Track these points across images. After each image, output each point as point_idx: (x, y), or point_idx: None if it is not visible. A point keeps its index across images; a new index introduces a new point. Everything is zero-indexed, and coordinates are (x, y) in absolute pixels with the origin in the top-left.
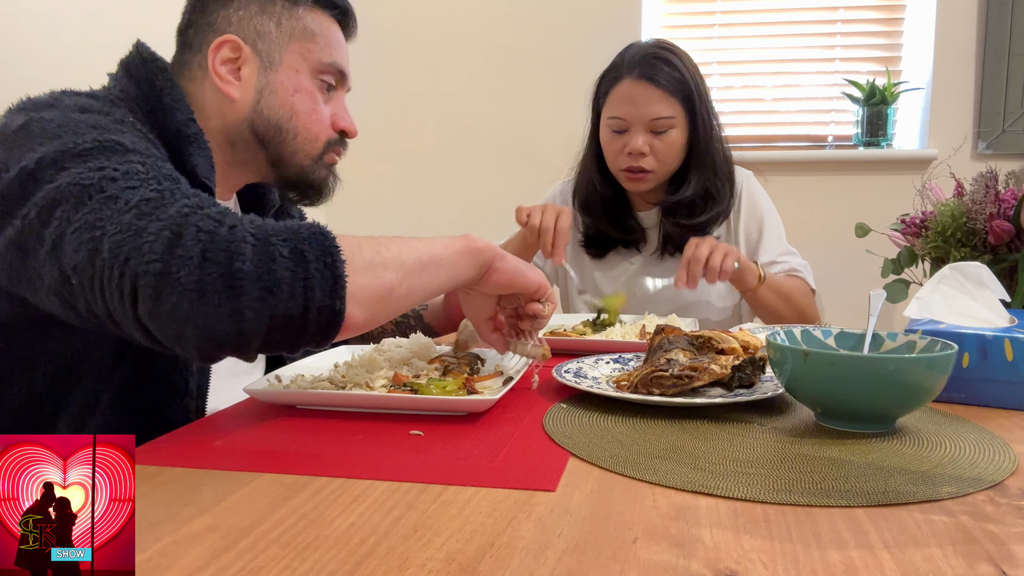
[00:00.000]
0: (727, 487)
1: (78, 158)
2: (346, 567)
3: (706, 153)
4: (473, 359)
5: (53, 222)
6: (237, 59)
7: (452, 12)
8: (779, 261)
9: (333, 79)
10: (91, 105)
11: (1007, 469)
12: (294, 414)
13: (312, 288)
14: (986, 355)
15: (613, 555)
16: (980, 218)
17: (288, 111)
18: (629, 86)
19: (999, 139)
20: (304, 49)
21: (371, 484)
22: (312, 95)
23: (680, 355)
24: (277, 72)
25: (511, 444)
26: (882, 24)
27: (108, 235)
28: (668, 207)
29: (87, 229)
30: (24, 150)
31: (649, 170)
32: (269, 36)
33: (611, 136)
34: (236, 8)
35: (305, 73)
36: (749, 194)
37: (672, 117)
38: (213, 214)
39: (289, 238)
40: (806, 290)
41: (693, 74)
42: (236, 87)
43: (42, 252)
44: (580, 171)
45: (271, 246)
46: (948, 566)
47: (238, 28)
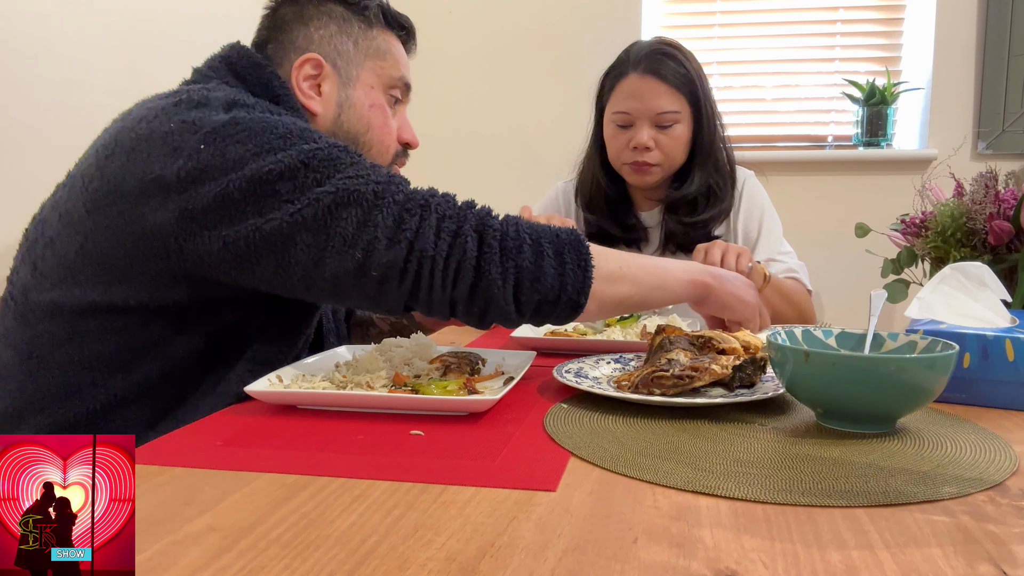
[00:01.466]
0: (727, 487)
1: (328, 163)
2: (346, 567)
3: (709, 150)
4: (473, 359)
5: (339, 222)
6: (318, 75)
7: (452, 12)
8: (776, 260)
9: (400, 93)
10: (255, 102)
11: (1008, 469)
12: (294, 414)
13: (567, 285)
14: (987, 355)
15: (613, 555)
16: (980, 218)
17: (365, 124)
18: (635, 81)
19: (999, 139)
20: (377, 67)
21: (371, 484)
22: (384, 109)
23: (681, 355)
24: (355, 88)
25: (511, 444)
26: (882, 24)
27: (420, 237)
28: (671, 204)
29: (391, 231)
30: (255, 148)
31: (654, 164)
32: (347, 55)
33: (616, 131)
34: (317, 28)
35: (378, 88)
36: (750, 193)
37: (677, 112)
38: (491, 215)
39: (554, 242)
40: (804, 291)
41: (698, 71)
42: (318, 102)
43: (326, 248)
44: (584, 169)
45: (541, 247)
46: (948, 566)
47: (319, 47)
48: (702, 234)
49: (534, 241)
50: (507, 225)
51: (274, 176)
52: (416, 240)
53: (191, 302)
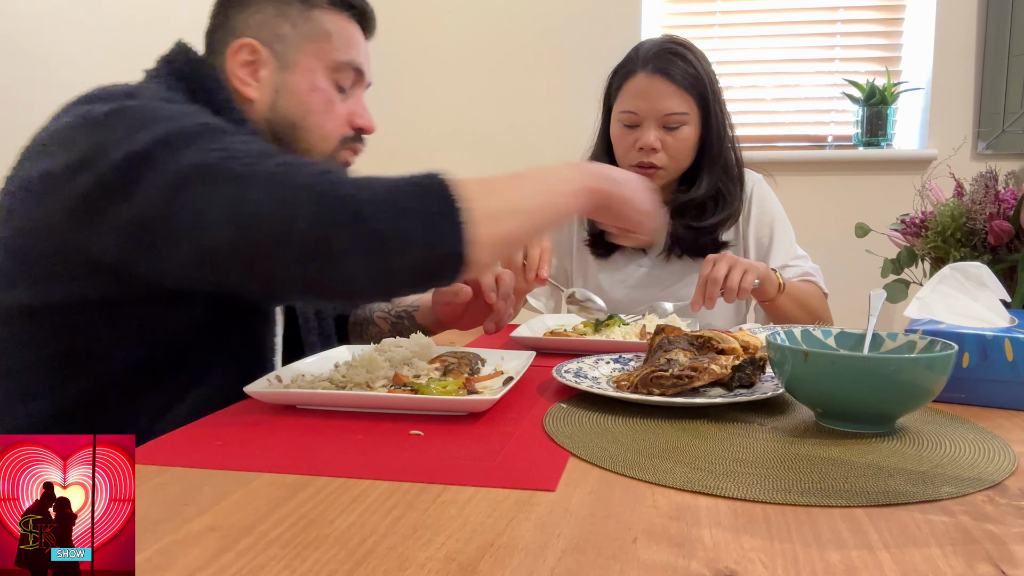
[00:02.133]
0: (727, 487)
1: (189, 140)
2: (346, 567)
3: (718, 153)
4: (473, 359)
5: (184, 202)
6: (255, 61)
7: (452, 12)
8: (791, 265)
9: (349, 78)
10: (169, 95)
11: (1007, 469)
12: (294, 414)
13: (439, 240)
14: (986, 355)
15: (613, 555)
16: (980, 218)
17: (303, 110)
18: (643, 80)
19: (999, 139)
20: (319, 49)
21: (371, 484)
22: (327, 94)
23: (680, 355)
24: (293, 73)
25: (511, 444)
26: (882, 24)
27: (252, 212)
28: (678, 207)
29: (226, 206)
30: (124, 134)
31: (660, 166)
32: (285, 39)
33: (622, 131)
34: (254, 11)
35: (320, 72)
36: (760, 198)
37: (685, 113)
38: (340, 179)
39: (415, 193)
40: (820, 295)
41: (708, 71)
42: (254, 88)
43: (175, 231)
44: None
45: (399, 203)
46: (948, 566)
47: (256, 31)
48: (710, 239)
49: (389, 200)
50: (359, 188)
51: (136, 158)
52: (252, 218)
53: (126, 299)
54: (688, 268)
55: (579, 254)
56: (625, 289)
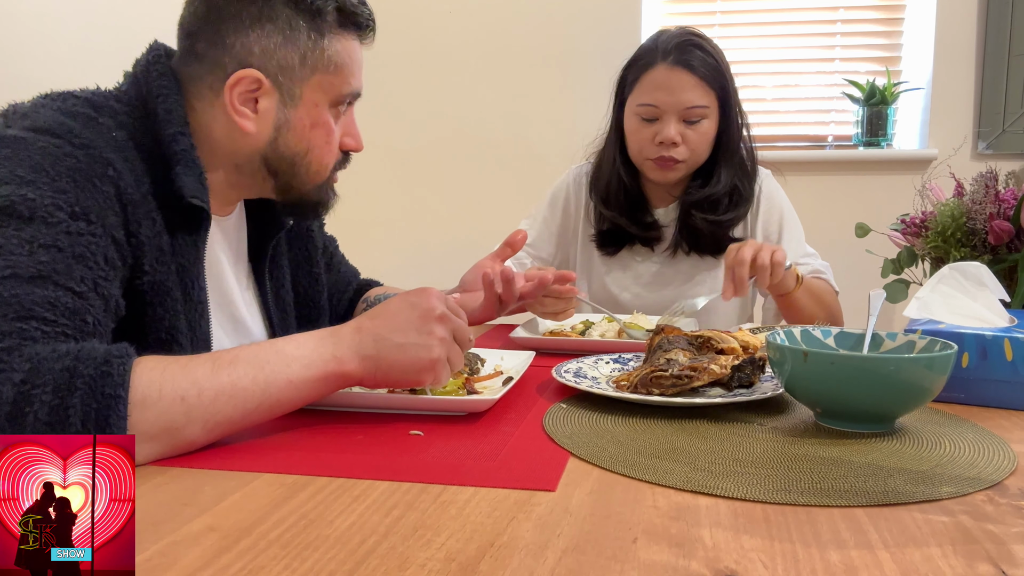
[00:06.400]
0: (727, 487)
1: None
2: (346, 567)
3: (736, 148)
4: (473, 359)
5: None
6: (256, 90)
7: (452, 12)
8: (801, 263)
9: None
10: (67, 127)
11: (1007, 469)
12: (294, 414)
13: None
14: (986, 355)
15: (613, 555)
16: (980, 218)
17: (304, 147)
18: (663, 72)
19: (999, 139)
20: (326, 82)
21: (371, 484)
22: (328, 128)
23: (680, 355)
24: (297, 108)
25: (511, 444)
26: (882, 24)
27: None
28: (693, 202)
29: None
30: None
31: (680, 160)
32: (292, 71)
33: (639, 124)
34: (258, 38)
35: (324, 106)
36: (768, 194)
37: (706, 106)
38: (14, 365)
39: (72, 395)
40: (832, 291)
41: (725, 64)
42: (252, 121)
43: None
44: (600, 164)
45: (65, 409)
46: (948, 566)
47: (260, 60)
48: (722, 234)
49: (55, 403)
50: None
51: None
52: None
53: None
54: (697, 267)
55: (584, 251)
56: (636, 288)
